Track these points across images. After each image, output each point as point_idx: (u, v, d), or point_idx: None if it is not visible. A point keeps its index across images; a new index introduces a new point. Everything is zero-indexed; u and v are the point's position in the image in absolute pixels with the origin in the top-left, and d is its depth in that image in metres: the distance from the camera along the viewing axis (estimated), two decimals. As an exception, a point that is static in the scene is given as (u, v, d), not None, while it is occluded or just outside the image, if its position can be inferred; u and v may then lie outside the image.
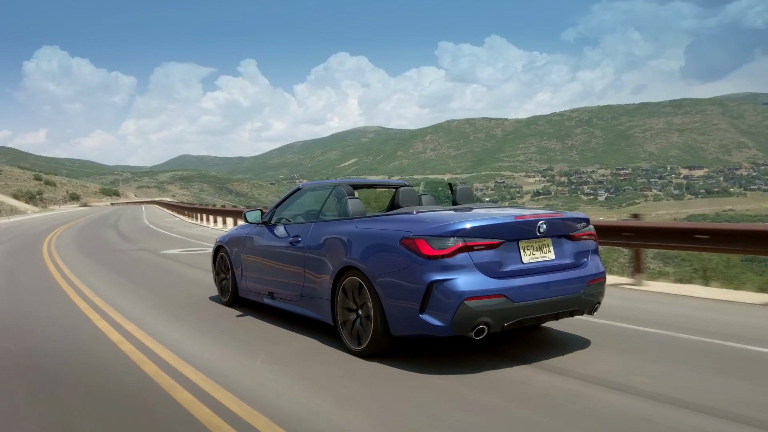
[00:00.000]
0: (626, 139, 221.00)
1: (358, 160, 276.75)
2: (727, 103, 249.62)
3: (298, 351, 4.73)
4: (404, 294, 4.13)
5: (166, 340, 5.09)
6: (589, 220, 4.77)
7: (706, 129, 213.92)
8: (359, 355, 4.44)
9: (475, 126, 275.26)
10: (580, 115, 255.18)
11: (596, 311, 4.65)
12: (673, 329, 5.06)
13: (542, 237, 4.33)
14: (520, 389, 3.66)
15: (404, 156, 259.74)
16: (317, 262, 5.06)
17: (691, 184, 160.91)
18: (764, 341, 4.64)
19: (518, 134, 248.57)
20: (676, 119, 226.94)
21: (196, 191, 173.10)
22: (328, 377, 4.02)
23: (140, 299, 7.26)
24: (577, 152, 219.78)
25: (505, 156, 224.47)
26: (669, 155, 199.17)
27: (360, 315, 4.54)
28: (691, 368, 4.03)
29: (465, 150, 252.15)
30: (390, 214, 4.79)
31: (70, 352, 4.92)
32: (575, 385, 3.72)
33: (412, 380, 3.91)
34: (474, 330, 3.96)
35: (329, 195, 5.50)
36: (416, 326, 4.09)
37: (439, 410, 3.35)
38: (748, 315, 5.85)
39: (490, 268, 4.07)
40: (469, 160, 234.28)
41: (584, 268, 4.53)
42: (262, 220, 6.23)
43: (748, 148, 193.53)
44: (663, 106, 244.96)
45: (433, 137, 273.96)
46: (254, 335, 5.28)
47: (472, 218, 4.24)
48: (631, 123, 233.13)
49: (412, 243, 4.12)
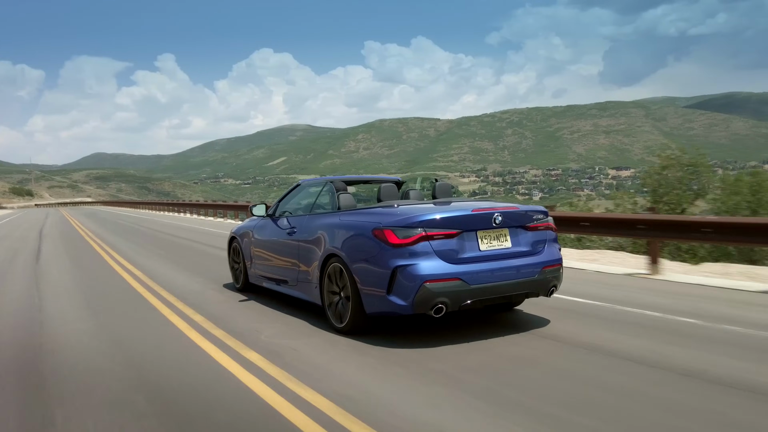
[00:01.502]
0: (555, 140, 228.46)
1: (287, 159, 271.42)
2: (649, 106, 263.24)
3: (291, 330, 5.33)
4: (375, 277, 4.73)
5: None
6: (548, 212, 5.29)
7: (630, 131, 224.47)
8: (341, 332, 5.10)
9: (408, 126, 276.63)
10: (510, 116, 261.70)
11: (552, 294, 5.17)
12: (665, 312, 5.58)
13: (499, 227, 4.86)
14: (461, 360, 4.26)
15: (336, 155, 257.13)
16: (308, 251, 5.71)
17: (621, 184, 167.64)
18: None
19: (451, 134, 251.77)
20: (602, 121, 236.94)
21: (113, 191, 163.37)
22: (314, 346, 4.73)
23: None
24: (509, 153, 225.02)
25: (439, 156, 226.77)
26: (596, 156, 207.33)
27: (341, 297, 5.17)
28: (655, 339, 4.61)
29: (398, 149, 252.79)
30: (370, 208, 5.41)
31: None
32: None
33: (379, 351, 4.53)
34: (433, 309, 4.53)
35: (322, 190, 6.13)
36: (385, 306, 4.70)
37: (402, 374, 3.97)
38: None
39: (449, 255, 4.62)
40: (403, 160, 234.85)
41: (540, 255, 5.02)
42: (267, 213, 6.86)
43: (671, 149, 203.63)
44: (589, 109, 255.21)
45: (366, 136, 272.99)
46: (254, 317, 5.89)
47: (434, 211, 4.76)
48: (559, 125, 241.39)
49: (381, 233, 4.73)
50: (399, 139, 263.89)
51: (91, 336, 5.11)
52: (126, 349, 4.67)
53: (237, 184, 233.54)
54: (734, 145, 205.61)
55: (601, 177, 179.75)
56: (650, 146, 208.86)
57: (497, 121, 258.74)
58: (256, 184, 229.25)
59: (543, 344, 4.56)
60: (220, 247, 11.25)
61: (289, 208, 6.72)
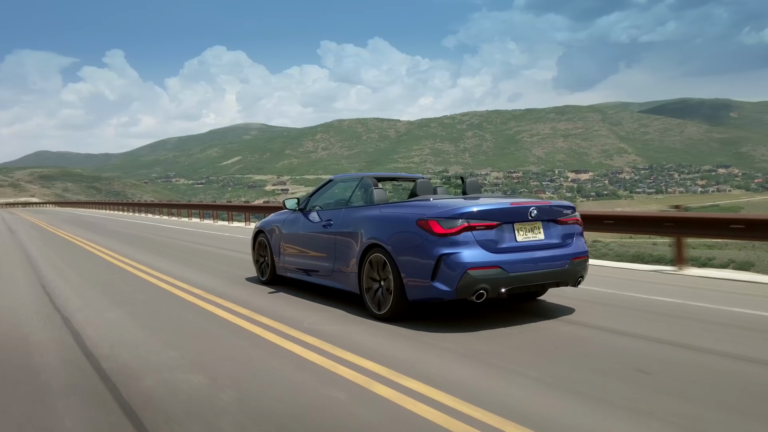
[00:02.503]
0: (515, 143, 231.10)
1: (242, 158, 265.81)
2: (605, 110, 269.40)
3: (332, 317, 5.73)
4: (418, 265, 5.09)
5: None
6: (575, 207, 5.72)
7: (588, 135, 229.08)
8: (380, 319, 5.43)
9: (368, 126, 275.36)
10: (470, 119, 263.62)
11: (579, 284, 5.63)
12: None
13: (533, 220, 5.29)
14: (498, 342, 4.70)
15: (294, 155, 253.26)
16: (346, 242, 6.03)
17: (581, 187, 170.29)
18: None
19: (411, 136, 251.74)
20: (560, 125, 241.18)
21: (59, 190, 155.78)
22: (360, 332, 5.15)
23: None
24: (469, 155, 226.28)
25: (400, 157, 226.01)
26: (556, 159, 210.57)
27: (381, 285, 5.51)
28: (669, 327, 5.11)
29: (358, 150, 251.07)
30: (409, 201, 5.83)
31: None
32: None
33: (421, 336, 4.91)
34: (475, 294, 4.95)
35: (357, 185, 6.53)
36: (428, 292, 5.06)
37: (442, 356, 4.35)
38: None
39: (489, 245, 5.05)
40: (363, 161, 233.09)
41: (569, 247, 5.48)
42: (298, 207, 7.19)
43: (628, 153, 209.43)
44: (547, 113, 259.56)
45: (324, 136, 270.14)
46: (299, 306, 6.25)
47: (475, 204, 5.21)
48: (518, 128, 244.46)
49: (425, 224, 5.11)
50: (359, 139, 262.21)
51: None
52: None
53: (189, 184, 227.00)
54: (688, 149, 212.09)
55: (561, 180, 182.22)
56: (607, 150, 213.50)
57: (457, 123, 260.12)
58: (209, 184, 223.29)
59: (574, 329, 5.02)
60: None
61: (320, 203, 7.06)
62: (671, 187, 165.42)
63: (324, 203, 7.02)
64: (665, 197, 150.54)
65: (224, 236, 16.52)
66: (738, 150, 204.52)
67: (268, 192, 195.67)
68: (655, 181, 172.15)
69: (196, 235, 17.29)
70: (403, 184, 8.62)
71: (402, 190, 8.90)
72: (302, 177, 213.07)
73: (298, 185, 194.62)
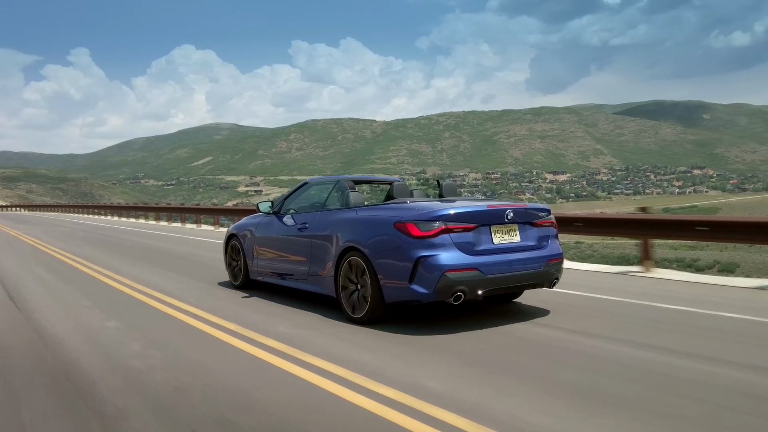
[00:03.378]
0: (492, 144, 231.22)
1: (213, 159, 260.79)
2: (581, 112, 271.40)
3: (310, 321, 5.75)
4: (396, 267, 5.13)
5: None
6: (550, 210, 5.83)
7: (564, 136, 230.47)
8: (356, 322, 5.47)
9: (343, 126, 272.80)
10: (447, 119, 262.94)
11: (555, 285, 5.77)
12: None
13: (510, 223, 5.38)
14: (477, 343, 4.82)
15: (267, 155, 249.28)
16: (323, 245, 6.03)
17: (560, 188, 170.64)
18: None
19: (388, 136, 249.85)
20: (537, 126, 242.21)
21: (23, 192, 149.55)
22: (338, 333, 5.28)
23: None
24: (447, 156, 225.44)
25: (377, 158, 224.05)
26: (533, 161, 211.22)
27: (358, 288, 5.53)
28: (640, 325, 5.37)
29: (334, 150, 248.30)
30: (386, 204, 5.86)
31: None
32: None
33: (399, 338, 5.01)
34: (453, 296, 4.99)
35: (333, 188, 6.52)
36: (406, 294, 5.11)
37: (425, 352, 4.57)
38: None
39: (466, 247, 5.10)
40: (338, 161, 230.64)
41: (545, 249, 5.57)
42: (272, 210, 7.14)
43: (604, 154, 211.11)
44: (524, 114, 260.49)
45: (298, 136, 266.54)
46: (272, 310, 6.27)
47: (452, 207, 5.26)
48: (495, 129, 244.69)
49: (403, 226, 5.14)
50: (334, 139, 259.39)
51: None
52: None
53: (159, 185, 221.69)
54: (663, 150, 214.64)
55: (540, 181, 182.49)
56: (584, 151, 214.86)
57: (434, 123, 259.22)
58: (180, 185, 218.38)
59: (546, 330, 5.14)
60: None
61: (294, 206, 7.04)
62: (648, 189, 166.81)
63: (299, 206, 7.03)
64: (643, 198, 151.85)
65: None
66: (712, 151, 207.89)
67: (241, 193, 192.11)
68: (632, 183, 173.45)
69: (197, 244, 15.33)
70: (379, 186, 8.55)
71: (380, 192, 8.69)
72: (276, 178, 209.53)
73: (272, 186, 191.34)
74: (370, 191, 8.94)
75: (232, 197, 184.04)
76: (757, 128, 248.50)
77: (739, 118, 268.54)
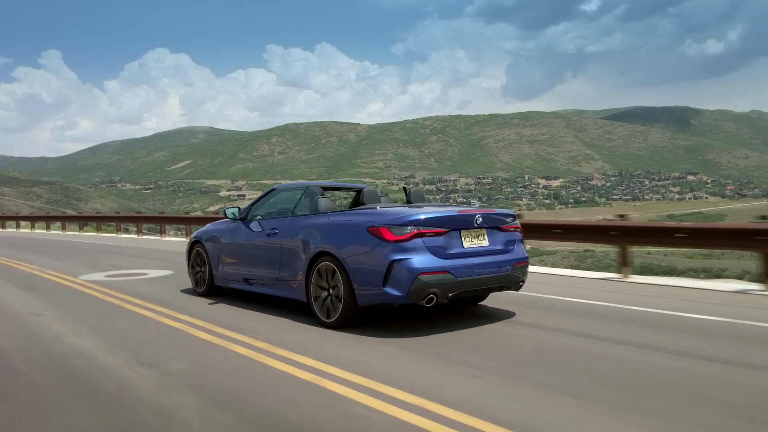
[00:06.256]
0: (481, 148, 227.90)
1: (191, 162, 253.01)
2: (569, 116, 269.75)
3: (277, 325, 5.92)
4: (370, 271, 5.23)
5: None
6: (515, 216, 6.08)
7: (554, 141, 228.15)
8: (329, 326, 5.58)
9: (326, 130, 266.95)
10: (433, 123, 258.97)
11: (520, 288, 6.01)
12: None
13: (479, 228, 5.59)
14: (451, 343, 5.13)
15: (248, 159, 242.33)
16: (293, 250, 6.11)
17: (557, 193, 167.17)
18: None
19: (372, 140, 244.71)
20: (525, 130, 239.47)
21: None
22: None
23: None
24: (435, 160, 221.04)
25: (362, 162, 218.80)
26: (524, 165, 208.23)
27: (331, 293, 5.60)
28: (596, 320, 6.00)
29: (317, 154, 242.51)
30: (357, 209, 5.99)
31: None
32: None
33: (369, 340, 5.20)
34: (425, 298, 5.13)
35: (303, 194, 6.62)
36: (379, 297, 5.23)
37: (395, 354, 4.75)
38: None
39: (438, 251, 5.26)
40: (323, 165, 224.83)
41: (511, 253, 5.82)
42: (239, 216, 7.24)
43: (595, 159, 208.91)
44: (511, 118, 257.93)
45: (280, 140, 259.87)
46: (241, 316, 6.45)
47: (424, 212, 5.42)
48: (483, 133, 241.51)
49: (376, 231, 5.26)
50: (317, 143, 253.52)
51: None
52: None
53: (137, 189, 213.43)
54: (654, 156, 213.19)
55: (533, 186, 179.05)
56: (574, 156, 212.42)
57: (420, 127, 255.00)
58: (158, 189, 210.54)
59: (519, 329, 5.52)
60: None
61: (261, 212, 7.09)
62: (647, 194, 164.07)
63: (266, 212, 7.04)
64: (644, 204, 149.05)
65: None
66: (703, 157, 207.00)
67: (223, 198, 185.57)
68: (629, 188, 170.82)
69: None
70: (343, 193, 8.47)
71: (344, 199, 8.61)
72: (259, 182, 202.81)
73: (256, 190, 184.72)
74: (335, 199, 7.54)
75: (214, 201, 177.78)
76: (744, 134, 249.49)
77: (726, 124, 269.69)
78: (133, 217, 24.07)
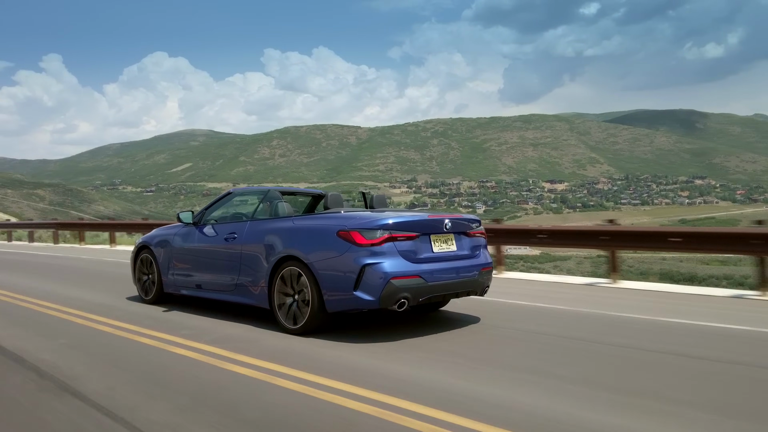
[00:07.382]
0: (483, 151, 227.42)
1: (192, 165, 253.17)
2: (572, 120, 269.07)
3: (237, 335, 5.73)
4: (340, 275, 5.16)
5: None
6: (480, 221, 6.17)
7: (558, 144, 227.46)
8: (294, 333, 5.45)
9: (327, 132, 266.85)
10: (434, 126, 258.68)
11: (485, 293, 6.06)
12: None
13: (447, 233, 5.63)
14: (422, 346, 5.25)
15: (249, 161, 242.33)
16: (254, 255, 5.95)
17: (564, 197, 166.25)
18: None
19: (373, 143, 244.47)
20: (528, 134, 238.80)
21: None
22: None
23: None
24: (437, 163, 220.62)
25: (364, 165, 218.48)
26: (527, 169, 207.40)
27: (296, 299, 5.49)
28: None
29: (318, 157, 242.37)
30: (323, 213, 5.93)
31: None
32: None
33: (340, 347, 5.14)
34: (397, 303, 5.11)
35: (263, 198, 6.54)
36: (350, 302, 5.16)
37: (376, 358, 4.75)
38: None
39: (409, 255, 5.27)
40: (324, 168, 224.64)
41: (478, 258, 5.89)
42: (192, 220, 7.03)
43: (600, 163, 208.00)
44: (514, 121, 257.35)
45: (281, 142, 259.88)
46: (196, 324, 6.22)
47: (395, 216, 5.44)
48: (485, 136, 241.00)
49: (347, 234, 5.20)
50: (318, 146, 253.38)
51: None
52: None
53: (138, 191, 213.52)
54: (659, 159, 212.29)
55: (538, 189, 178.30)
56: (579, 159, 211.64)
57: (421, 130, 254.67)
58: (159, 191, 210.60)
59: (501, 331, 5.71)
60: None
61: (216, 216, 6.99)
62: (656, 199, 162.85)
63: (220, 216, 6.96)
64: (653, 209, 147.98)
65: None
66: (710, 161, 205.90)
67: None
68: (637, 192, 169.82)
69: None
70: (301, 198, 8.41)
71: (299, 204, 8.27)
72: (260, 185, 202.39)
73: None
74: (293, 204, 7.39)
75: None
76: (749, 138, 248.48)
77: (731, 128, 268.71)
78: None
